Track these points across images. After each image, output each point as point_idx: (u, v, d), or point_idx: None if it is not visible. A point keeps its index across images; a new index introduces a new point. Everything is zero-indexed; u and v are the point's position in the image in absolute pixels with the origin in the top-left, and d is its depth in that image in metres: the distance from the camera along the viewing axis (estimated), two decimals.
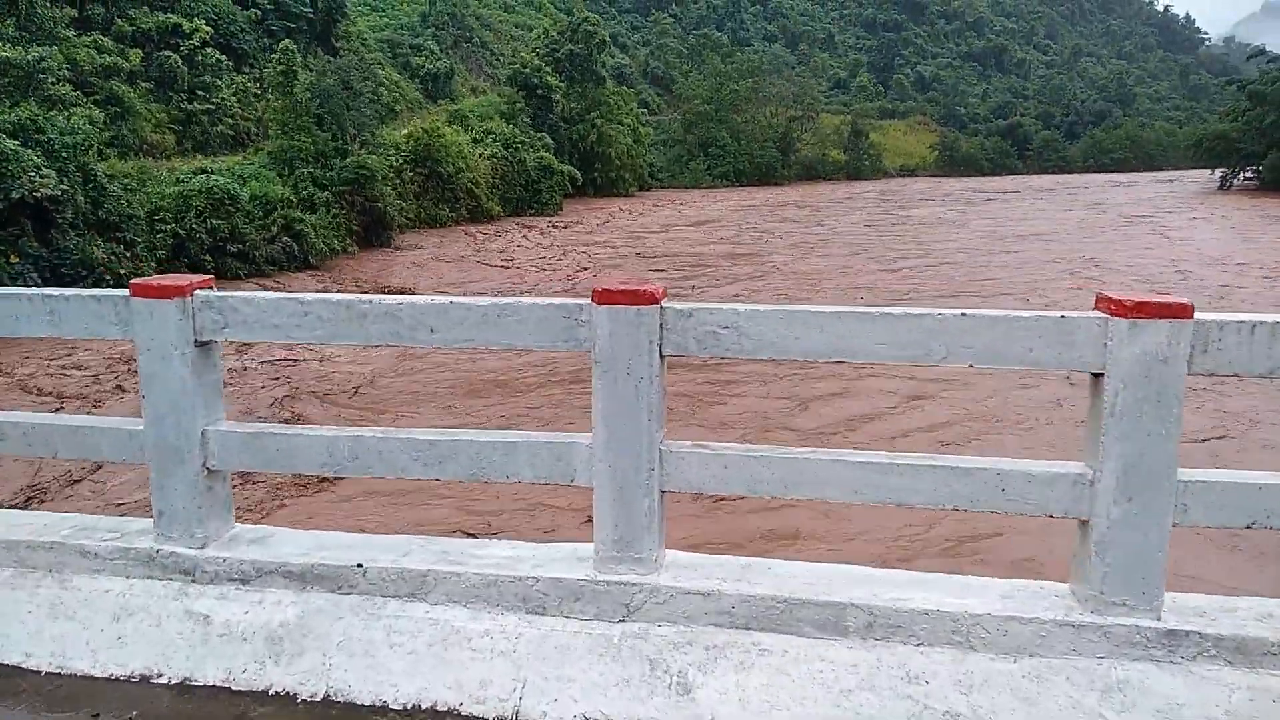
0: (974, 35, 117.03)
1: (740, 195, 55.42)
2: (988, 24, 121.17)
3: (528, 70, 48.04)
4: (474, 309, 2.49)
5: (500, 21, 78.29)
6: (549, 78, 48.18)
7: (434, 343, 2.51)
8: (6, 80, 21.15)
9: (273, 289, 22.06)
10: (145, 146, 28.75)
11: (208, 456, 2.75)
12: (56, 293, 2.77)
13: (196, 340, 2.67)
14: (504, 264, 26.78)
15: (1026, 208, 44.92)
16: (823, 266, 25.56)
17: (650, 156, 59.20)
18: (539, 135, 44.87)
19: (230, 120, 32.92)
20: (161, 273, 20.61)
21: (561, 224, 37.93)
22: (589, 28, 51.89)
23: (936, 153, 79.81)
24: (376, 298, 2.56)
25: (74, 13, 29.76)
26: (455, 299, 2.52)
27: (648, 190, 56.71)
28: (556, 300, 2.44)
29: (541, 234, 34.27)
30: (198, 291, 2.67)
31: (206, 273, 16.49)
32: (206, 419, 2.75)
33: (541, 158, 42.27)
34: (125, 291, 2.70)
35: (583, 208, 43.82)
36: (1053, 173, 75.98)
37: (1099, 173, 74.26)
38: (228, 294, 2.65)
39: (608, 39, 57.70)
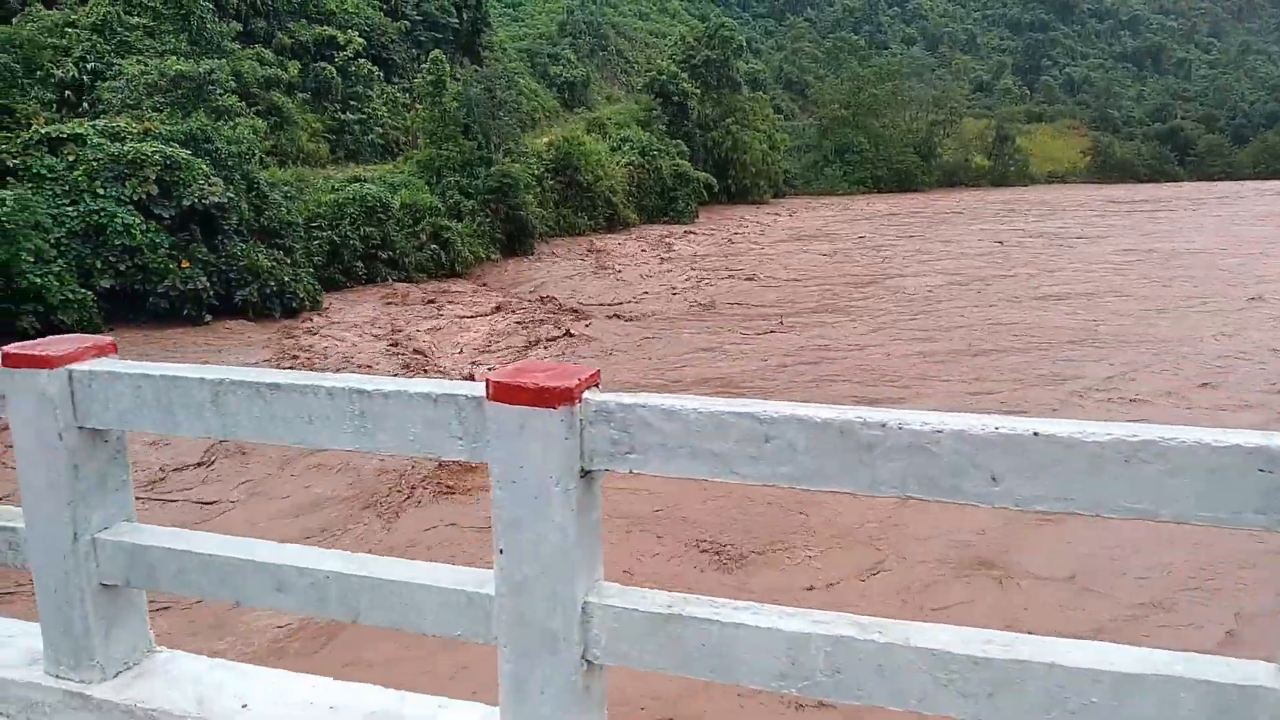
0: (1129, 34, 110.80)
1: (877, 203, 53.77)
2: (1144, 22, 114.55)
3: (664, 77, 47.79)
4: (1079, 446, 1.44)
5: (635, 29, 78.61)
6: (685, 84, 47.81)
7: (996, 500, 1.51)
8: (180, 92, 22.04)
9: (425, 296, 22.28)
10: (301, 155, 29.71)
11: (589, 644, 1.81)
12: (372, 386, 1.91)
13: (583, 469, 1.80)
14: (634, 280, 26.43)
15: (1190, 219, 41.81)
16: (952, 290, 23.17)
17: (785, 163, 58.13)
18: (674, 142, 44.55)
19: (380, 129, 33.77)
20: (320, 280, 21.04)
21: (693, 233, 37.42)
22: (726, 33, 51.30)
23: (1088, 158, 75.64)
24: (891, 417, 1.58)
25: (239, 27, 31.04)
26: (1041, 425, 1.48)
27: (782, 197, 55.67)
28: (1248, 437, 1.40)
29: (669, 245, 33.77)
30: (588, 394, 1.78)
31: (358, 278, 16.49)
32: (588, 584, 1.84)
33: (677, 165, 41.91)
34: (469, 388, 1.85)
35: (718, 215, 43.23)
36: (1218, 179, 70.85)
37: (1272, 179, 68.87)
38: (633, 398, 1.76)
39: (744, 44, 56.96)
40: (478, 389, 1.82)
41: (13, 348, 2.13)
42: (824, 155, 63.72)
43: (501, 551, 1.83)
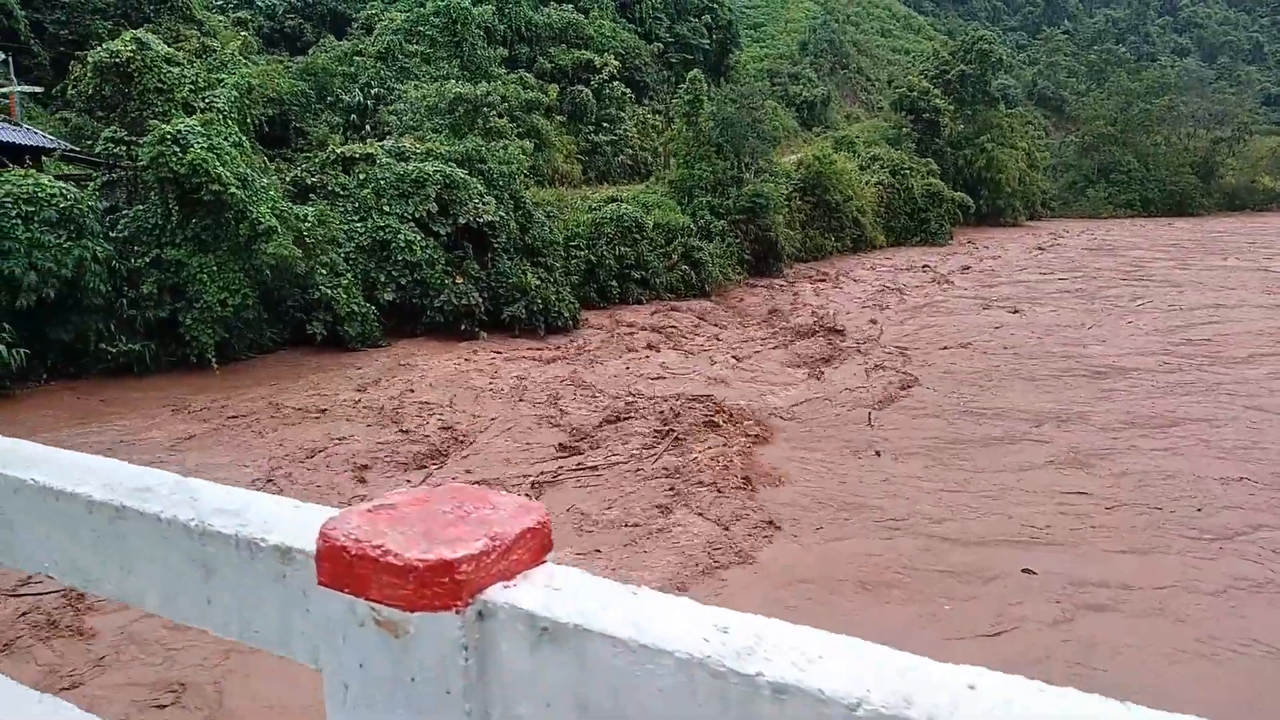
0: None
1: (1151, 228, 48.84)
2: None
3: (914, 93, 45.78)
4: None
5: (877, 47, 76.46)
6: (937, 100, 45.57)
7: None
8: (457, 114, 22.89)
9: (673, 316, 21.84)
10: (556, 176, 30.36)
11: None
12: None
13: None
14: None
15: None
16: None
17: (1043, 182, 54.33)
18: (924, 160, 42.49)
19: (630, 150, 34.09)
20: (578, 296, 21.09)
21: (949, 258, 35.18)
22: (984, 46, 48.43)
23: None
24: None
25: (505, 53, 32.28)
26: None
27: (1037, 219, 51.88)
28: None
29: (924, 274, 31.79)
30: None
31: (612, 298, 16.01)
32: None
33: (930, 184, 39.78)
34: None
35: (971, 238, 40.57)
36: None
37: None
38: None
39: (1004, 58, 53.74)
40: None
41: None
42: (1084, 175, 59.07)
43: None
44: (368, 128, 26.66)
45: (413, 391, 14.20)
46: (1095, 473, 10.71)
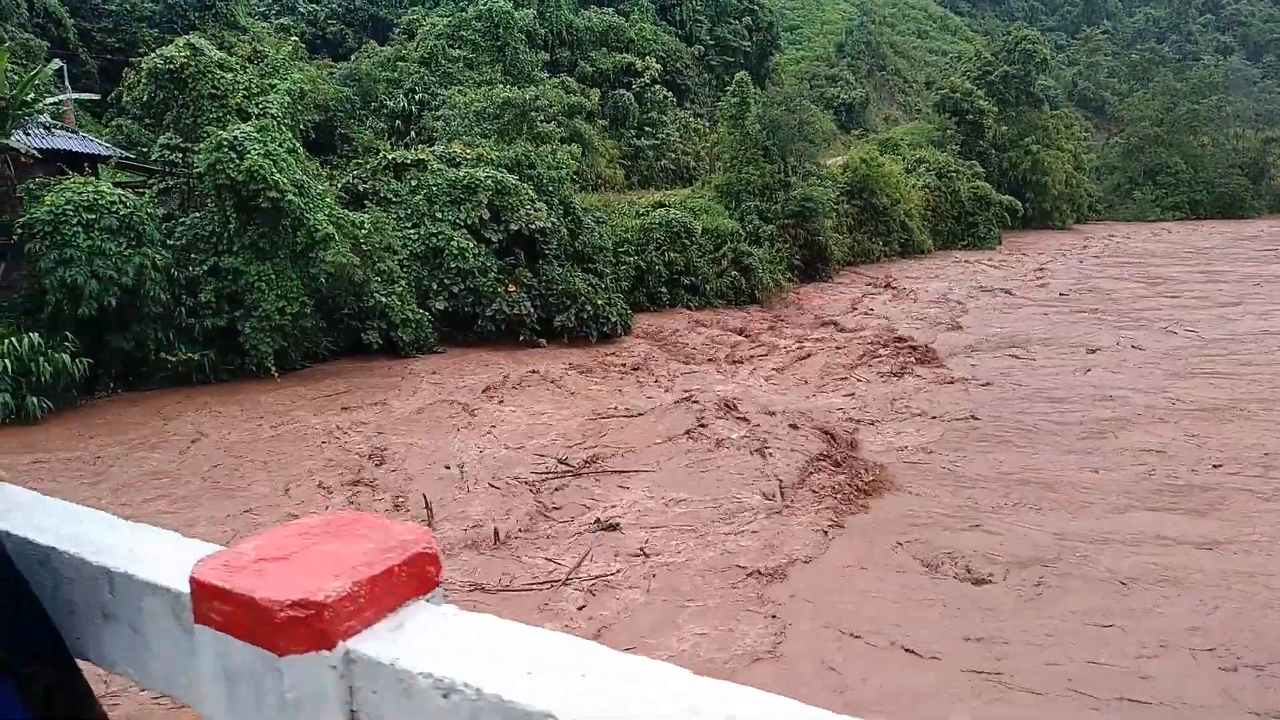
0: None
1: (1196, 232, 47.77)
2: None
3: (957, 94, 45.06)
4: None
5: (914, 48, 75.64)
6: (981, 102, 44.83)
7: None
8: (505, 119, 22.63)
9: (717, 324, 21.46)
10: (600, 181, 30.07)
11: None
12: None
13: None
14: None
15: None
16: None
17: (1089, 185, 53.42)
18: (969, 163, 41.82)
19: (673, 154, 33.74)
20: (627, 303, 20.73)
21: (994, 262, 34.49)
22: (1028, 46, 47.64)
23: None
24: None
25: (547, 57, 32.05)
26: None
27: (1084, 223, 50.95)
28: None
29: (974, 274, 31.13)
30: None
31: (661, 303, 15.15)
32: None
33: (977, 187, 39.11)
34: None
35: (1018, 242, 39.80)
36: None
37: None
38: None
39: (1049, 57, 52.83)
40: None
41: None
42: (1129, 177, 57.98)
43: None
44: (412, 133, 26.52)
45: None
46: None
